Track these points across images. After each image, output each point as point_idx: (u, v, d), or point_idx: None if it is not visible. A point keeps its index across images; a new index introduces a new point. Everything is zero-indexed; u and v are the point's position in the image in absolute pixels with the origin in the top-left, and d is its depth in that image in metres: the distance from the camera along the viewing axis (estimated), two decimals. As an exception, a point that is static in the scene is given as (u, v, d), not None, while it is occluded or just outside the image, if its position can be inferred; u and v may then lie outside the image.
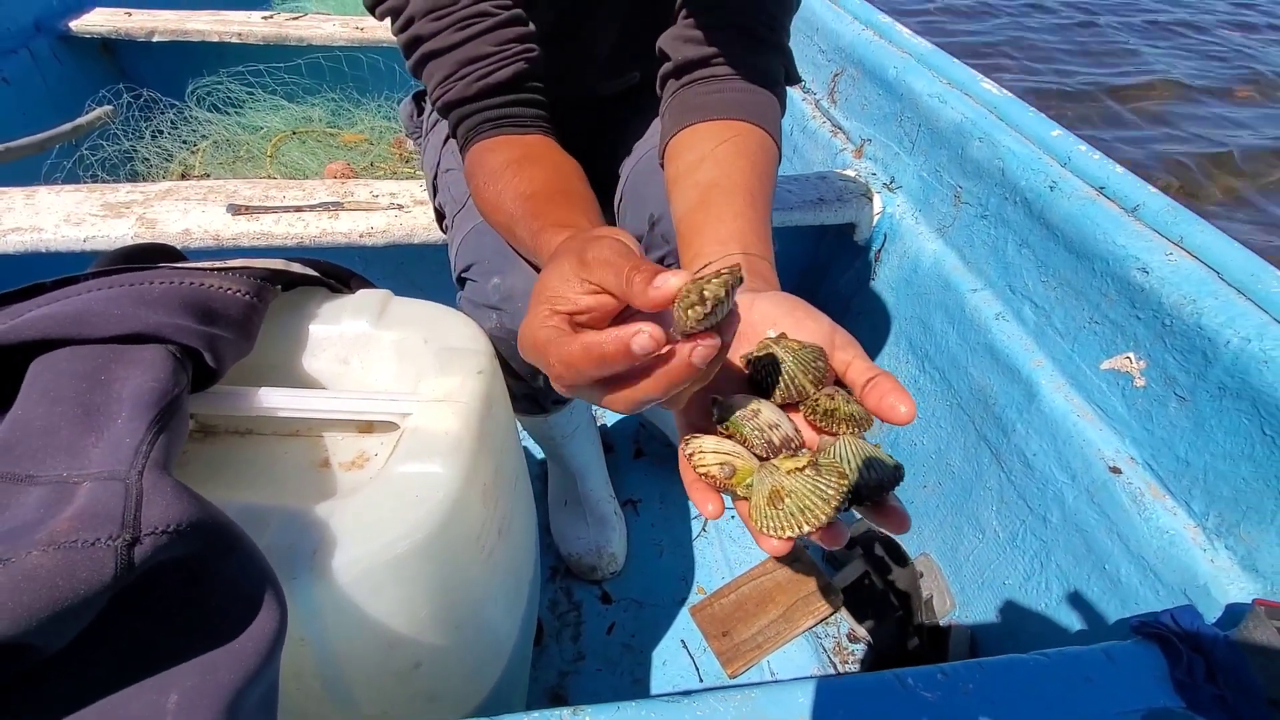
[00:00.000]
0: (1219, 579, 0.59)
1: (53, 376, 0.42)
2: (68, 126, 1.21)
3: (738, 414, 0.36)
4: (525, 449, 1.12)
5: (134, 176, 1.45)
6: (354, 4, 1.89)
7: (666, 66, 0.62)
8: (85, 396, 0.42)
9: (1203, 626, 0.52)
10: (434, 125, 0.82)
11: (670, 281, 0.28)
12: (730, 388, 0.38)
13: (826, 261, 1.22)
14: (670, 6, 0.62)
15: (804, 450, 0.35)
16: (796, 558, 1.00)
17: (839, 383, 0.38)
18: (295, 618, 0.42)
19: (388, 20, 0.60)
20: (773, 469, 0.34)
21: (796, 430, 0.36)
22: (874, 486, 0.33)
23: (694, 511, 1.08)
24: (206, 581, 0.36)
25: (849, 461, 0.34)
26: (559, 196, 0.53)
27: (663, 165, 0.61)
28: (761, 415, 0.35)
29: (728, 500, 0.36)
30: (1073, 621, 0.71)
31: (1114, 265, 0.71)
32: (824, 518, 0.31)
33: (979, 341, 0.87)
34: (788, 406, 0.38)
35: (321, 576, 0.43)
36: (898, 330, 1.04)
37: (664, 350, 0.29)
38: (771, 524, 0.32)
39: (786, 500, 0.32)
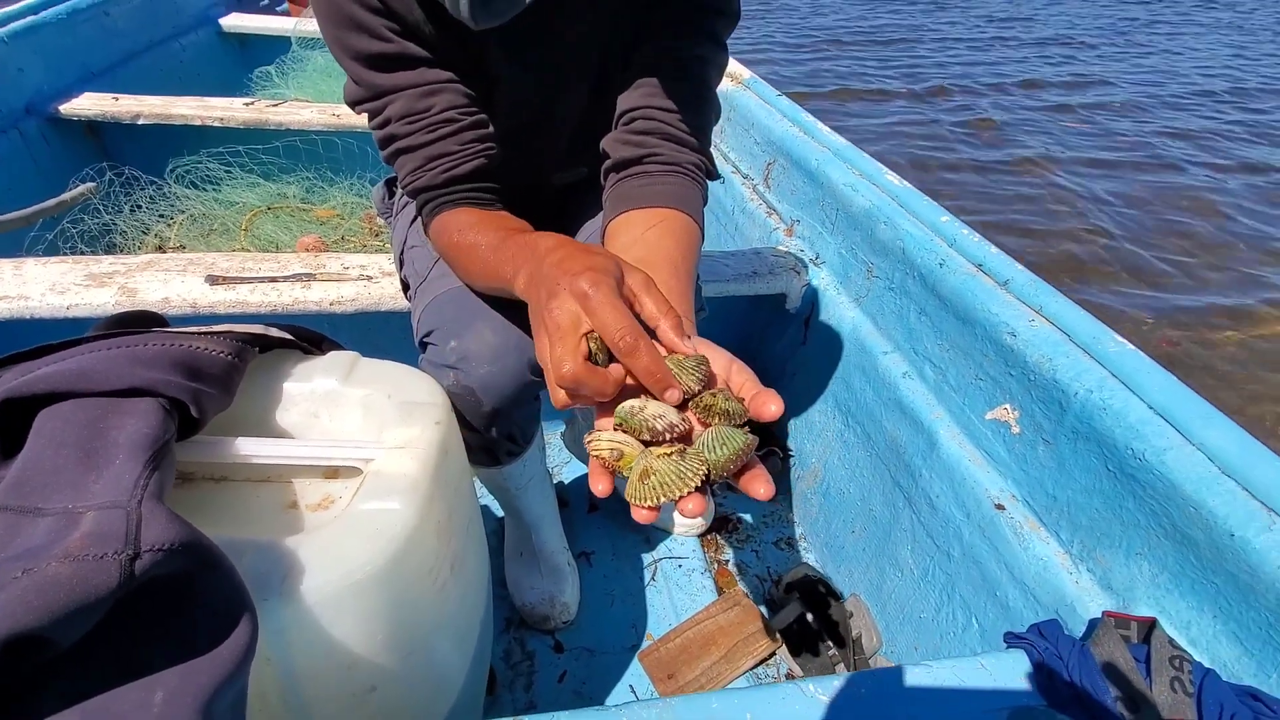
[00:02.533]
0: (1083, 597, 0.68)
1: (59, 424, 0.48)
2: (52, 202, 1.28)
3: (628, 410, 0.44)
4: (485, 506, 1.18)
5: (111, 248, 1.52)
6: (331, 93, 2.03)
7: (608, 163, 0.73)
8: (87, 442, 0.48)
9: (1062, 636, 0.60)
10: (403, 207, 0.92)
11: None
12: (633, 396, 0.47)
13: (763, 328, 1.34)
14: (611, 114, 0.74)
15: (678, 443, 0.43)
16: (737, 602, 1.06)
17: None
18: (263, 638, 0.47)
19: (365, 116, 0.71)
20: (647, 454, 0.42)
21: (682, 419, 0.44)
22: (730, 459, 0.41)
23: (645, 561, 1.14)
24: (192, 596, 0.41)
25: (708, 445, 0.42)
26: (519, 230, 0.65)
27: (604, 243, 0.72)
28: (648, 409, 0.44)
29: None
30: (975, 645, 0.79)
31: (991, 330, 0.84)
32: (677, 493, 0.40)
33: (890, 397, 0.98)
34: (681, 405, 0.46)
35: (289, 600, 0.48)
36: (825, 389, 1.15)
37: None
38: (639, 495, 0.41)
39: (652, 477, 0.41)
